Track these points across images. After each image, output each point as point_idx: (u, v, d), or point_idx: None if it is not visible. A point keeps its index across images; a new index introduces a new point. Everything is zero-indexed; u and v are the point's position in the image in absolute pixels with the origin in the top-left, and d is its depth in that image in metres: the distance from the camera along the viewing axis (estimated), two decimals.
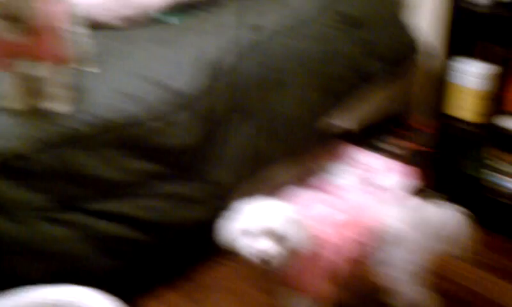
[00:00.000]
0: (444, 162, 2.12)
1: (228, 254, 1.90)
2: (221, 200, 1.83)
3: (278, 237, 1.31)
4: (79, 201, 1.53)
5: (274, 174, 2.09)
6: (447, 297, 1.73)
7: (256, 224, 1.32)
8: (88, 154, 1.50)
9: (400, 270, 1.46)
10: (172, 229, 1.72)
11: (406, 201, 1.53)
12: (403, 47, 2.32)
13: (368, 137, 2.40)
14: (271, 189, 2.07)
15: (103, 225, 1.56)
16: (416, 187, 2.09)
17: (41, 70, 1.47)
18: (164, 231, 1.70)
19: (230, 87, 1.77)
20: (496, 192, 2.01)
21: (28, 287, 1.32)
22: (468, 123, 1.96)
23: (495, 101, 1.92)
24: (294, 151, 2.03)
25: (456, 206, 1.49)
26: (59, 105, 1.49)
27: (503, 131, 1.86)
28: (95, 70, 1.67)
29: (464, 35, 1.94)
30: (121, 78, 1.66)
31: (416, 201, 1.57)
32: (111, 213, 1.57)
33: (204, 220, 1.77)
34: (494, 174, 2.00)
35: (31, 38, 1.39)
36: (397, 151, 2.36)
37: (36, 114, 1.48)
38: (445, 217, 1.48)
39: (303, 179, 2.19)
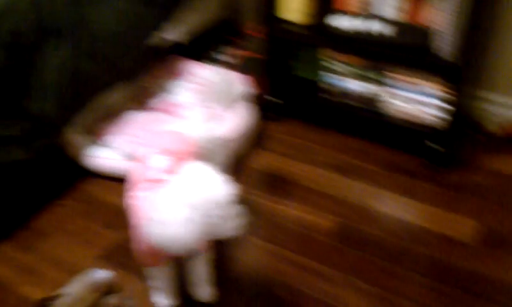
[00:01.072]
0: (277, 67, 2.11)
1: (65, 194, 1.77)
2: (45, 136, 1.66)
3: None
4: None
5: (108, 100, 1.93)
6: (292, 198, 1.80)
7: (228, 201, 1.13)
8: None
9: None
10: None
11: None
12: None
13: (201, 48, 2.31)
14: (107, 116, 1.94)
15: None
16: (252, 94, 2.07)
17: None
18: None
19: (34, 4, 1.54)
20: (331, 93, 2.05)
21: None
22: (298, 25, 1.94)
23: (324, 0, 1.91)
24: (124, 72, 1.88)
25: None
26: None
27: (333, 30, 1.87)
28: None
29: None
30: None
31: None
32: None
33: (27, 160, 1.61)
34: (328, 74, 2.02)
35: None
36: (231, 60, 2.31)
37: None
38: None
39: (139, 101, 2.06)
